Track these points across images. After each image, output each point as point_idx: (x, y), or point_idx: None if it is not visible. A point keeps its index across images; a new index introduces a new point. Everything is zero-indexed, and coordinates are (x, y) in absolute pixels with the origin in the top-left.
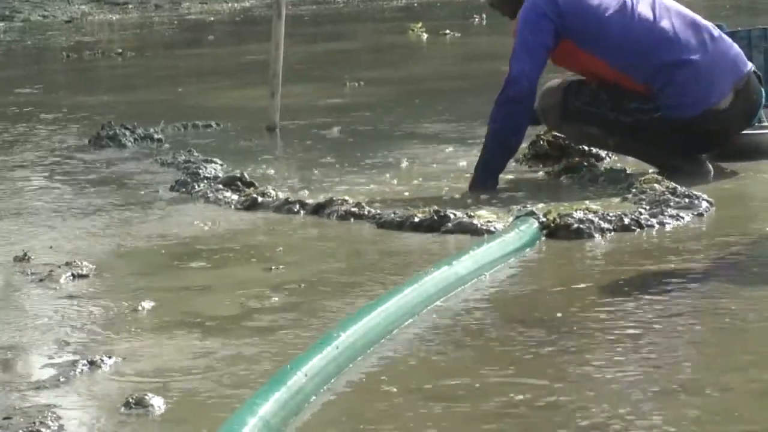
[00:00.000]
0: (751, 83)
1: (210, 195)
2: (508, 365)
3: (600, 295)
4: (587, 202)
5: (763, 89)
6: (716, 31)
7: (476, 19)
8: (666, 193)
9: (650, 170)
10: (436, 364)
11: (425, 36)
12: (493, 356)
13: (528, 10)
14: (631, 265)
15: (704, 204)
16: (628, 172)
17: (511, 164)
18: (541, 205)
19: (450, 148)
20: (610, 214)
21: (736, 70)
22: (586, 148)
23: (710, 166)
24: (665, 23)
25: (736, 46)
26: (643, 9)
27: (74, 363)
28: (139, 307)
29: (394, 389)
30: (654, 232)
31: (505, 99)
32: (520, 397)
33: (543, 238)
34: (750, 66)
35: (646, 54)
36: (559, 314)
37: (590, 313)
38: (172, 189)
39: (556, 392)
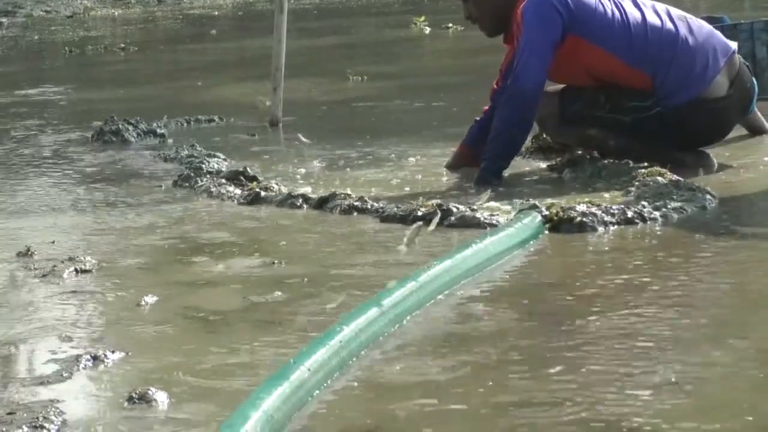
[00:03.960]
0: (743, 71)
1: (213, 189)
2: (512, 359)
3: (603, 289)
4: (590, 195)
5: (754, 80)
6: (693, 20)
7: None
8: (669, 185)
9: (653, 163)
10: (440, 357)
11: (428, 29)
12: (495, 350)
13: (536, 4)
14: (634, 258)
15: (707, 197)
16: (631, 165)
17: (515, 158)
18: (547, 200)
19: (454, 143)
20: (613, 208)
21: (725, 48)
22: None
23: (713, 159)
24: (652, 17)
25: (715, 31)
26: (630, 7)
27: (77, 358)
28: (142, 302)
29: (398, 383)
30: (657, 225)
31: (509, 96)
32: (525, 391)
33: (546, 232)
34: (735, 45)
35: (648, 45)
36: (561, 307)
37: (593, 306)
38: (175, 184)
39: (558, 386)
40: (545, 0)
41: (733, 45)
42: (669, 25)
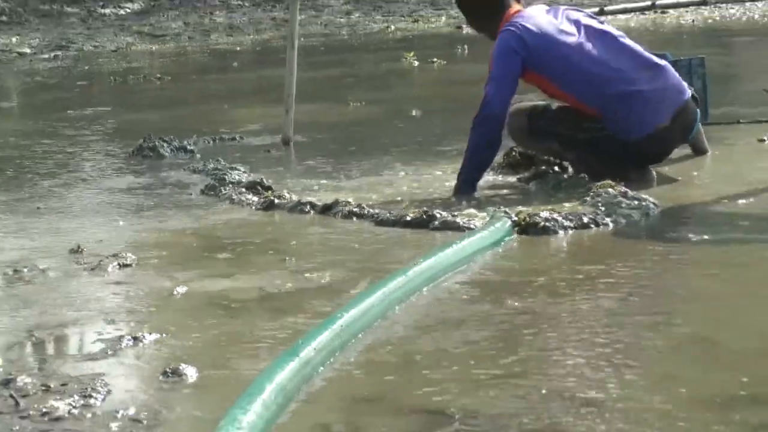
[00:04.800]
0: (689, 107)
1: (234, 197)
2: (486, 340)
3: (562, 281)
4: (552, 204)
5: (698, 110)
6: (662, 62)
7: (459, 50)
8: (618, 196)
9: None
10: (424, 339)
11: (416, 63)
12: (472, 332)
13: (500, 45)
14: (589, 256)
15: (651, 205)
16: (587, 179)
17: (488, 173)
18: (516, 207)
19: (440, 159)
20: (572, 214)
21: (678, 99)
22: (551, 158)
23: (654, 173)
24: (617, 59)
25: (677, 76)
26: (598, 47)
27: (120, 338)
28: (175, 292)
29: (391, 362)
30: (609, 229)
31: (480, 119)
32: (497, 366)
33: (515, 234)
34: (688, 94)
35: (601, 86)
36: (528, 296)
37: (554, 296)
38: (202, 192)
39: (520, 364)
40: (507, 42)
41: (687, 93)
42: (632, 73)
